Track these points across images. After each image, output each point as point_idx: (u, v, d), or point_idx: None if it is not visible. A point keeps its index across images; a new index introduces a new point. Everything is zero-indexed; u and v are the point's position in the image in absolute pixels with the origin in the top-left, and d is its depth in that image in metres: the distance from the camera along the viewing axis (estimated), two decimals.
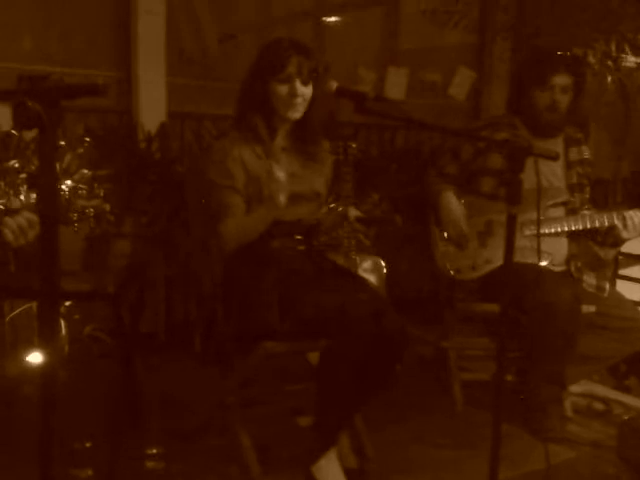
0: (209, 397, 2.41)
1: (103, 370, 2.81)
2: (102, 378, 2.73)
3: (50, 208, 1.00)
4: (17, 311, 2.82)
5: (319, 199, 2.35)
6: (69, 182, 1.46)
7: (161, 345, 3.34)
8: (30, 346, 2.63)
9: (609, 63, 3.63)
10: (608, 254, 3.09)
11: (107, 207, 1.45)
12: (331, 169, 2.40)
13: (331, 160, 2.39)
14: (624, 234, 2.58)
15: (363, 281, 2.28)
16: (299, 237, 2.26)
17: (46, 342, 1.15)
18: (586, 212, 2.69)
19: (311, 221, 2.27)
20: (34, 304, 2.70)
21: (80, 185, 1.41)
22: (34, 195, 1.47)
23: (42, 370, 1.16)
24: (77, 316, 3.03)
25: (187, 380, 2.88)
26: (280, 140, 2.29)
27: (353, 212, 2.24)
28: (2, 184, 1.51)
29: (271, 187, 2.11)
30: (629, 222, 2.56)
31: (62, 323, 2.96)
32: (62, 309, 2.94)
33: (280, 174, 2.09)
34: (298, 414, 2.40)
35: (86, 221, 1.44)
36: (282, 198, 2.08)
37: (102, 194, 1.44)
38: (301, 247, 2.26)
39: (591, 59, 3.60)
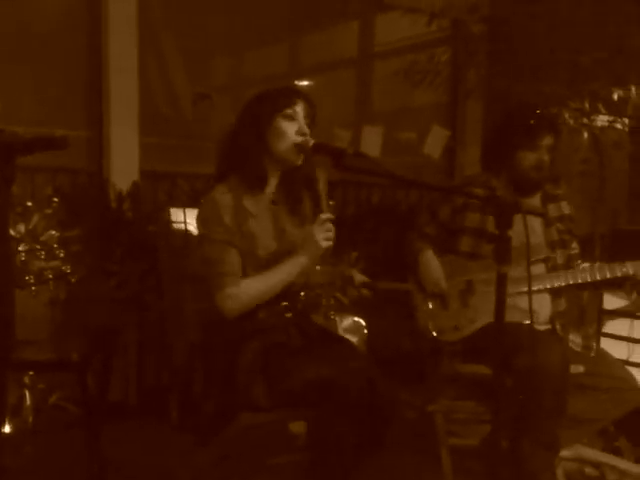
0: (184, 471, 2.26)
1: (69, 441, 2.66)
2: (68, 449, 2.58)
3: (2, 273, 0.90)
4: None
5: None
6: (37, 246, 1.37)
7: (132, 413, 3.20)
8: None
9: (584, 120, 3.67)
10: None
11: (67, 269, 1.35)
12: None
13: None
14: None
15: (352, 346, 2.17)
16: (285, 303, 2.09)
17: None
18: (585, 265, 2.66)
19: (300, 284, 2.13)
20: None
21: (37, 246, 1.31)
22: None
23: None
24: (42, 385, 2.91)
25: (160, 451, 2.72)
26: (269, 192, 2.13)
27: (359, 277, 2.12)
28: None
29: (259, 244, 2.00)
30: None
31: (26, 393, 2.83)
32: (26, 379, 2.82)
33: (269, 230, 1.98)
34: None
35: (44, 284, 1.33)
36: (268, 257, 1.97)
37: (62, 255, 1.34)
38: (288, 314, 2.10)
39: (566, 117, 3.65)
